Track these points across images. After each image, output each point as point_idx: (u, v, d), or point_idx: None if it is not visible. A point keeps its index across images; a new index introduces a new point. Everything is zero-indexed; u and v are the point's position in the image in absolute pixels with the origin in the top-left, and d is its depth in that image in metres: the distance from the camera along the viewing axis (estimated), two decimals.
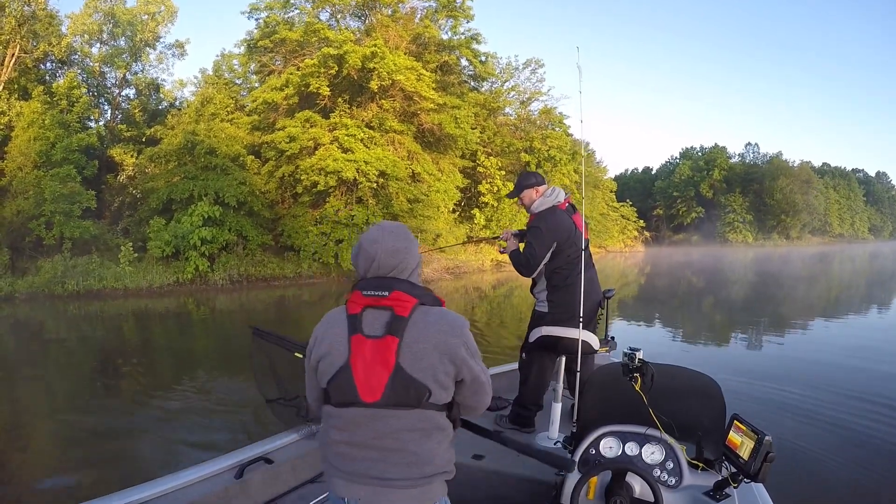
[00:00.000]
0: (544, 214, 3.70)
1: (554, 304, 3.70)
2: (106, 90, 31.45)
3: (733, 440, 2.17)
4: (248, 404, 6.71)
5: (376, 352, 1.62)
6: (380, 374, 1.61)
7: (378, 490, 1.65)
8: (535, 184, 3.81)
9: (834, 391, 7.44)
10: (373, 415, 1.64)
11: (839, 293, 22.55)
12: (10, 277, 19.74)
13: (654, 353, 2.50)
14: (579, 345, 3.39)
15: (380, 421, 1.64)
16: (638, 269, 37.08)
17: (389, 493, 1.64)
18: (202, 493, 2.55)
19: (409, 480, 1.65)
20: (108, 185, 27.14)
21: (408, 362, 1.61)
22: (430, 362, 1.62)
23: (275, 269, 24.15)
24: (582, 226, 3.70)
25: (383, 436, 1.64)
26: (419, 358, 1.62)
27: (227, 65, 34.40)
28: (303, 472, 3.02)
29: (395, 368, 1.61)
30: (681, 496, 2.22)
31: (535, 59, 40.92)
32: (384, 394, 1.61)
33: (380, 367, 1.61)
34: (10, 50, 23.45)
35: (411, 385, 1.61)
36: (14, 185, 21.90)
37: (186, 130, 24.50)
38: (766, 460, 2.02)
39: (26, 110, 22.68)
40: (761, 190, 75.04)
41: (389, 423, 1.64)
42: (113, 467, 5.17)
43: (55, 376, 9.31)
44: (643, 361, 2.39)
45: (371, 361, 1.62)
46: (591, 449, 2.37)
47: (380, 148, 25.48)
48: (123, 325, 15.29)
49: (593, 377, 2.84)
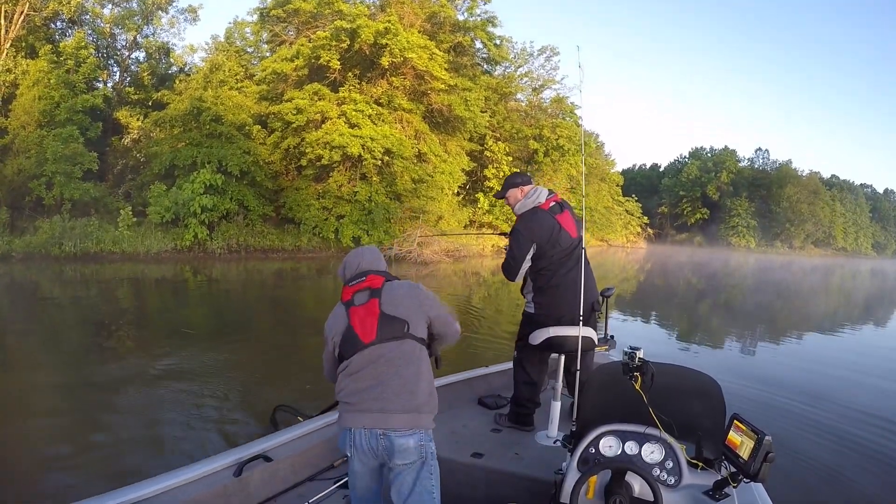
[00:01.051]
0: (524, 216, 3.68)
1: (540, 305, 3.69)
2: (116, 52, 31.18)
3: (733, 440, 2.16)
4: (240, 388, 6.62)
5: (366, 309, 2.32)
6: (371, 321, 2.29)
7: (379, 416, 2.19)
8: (521, 184, 3.79)
9: (833, 395, 7.46)
10: (372, 351, 2.26)
11: (841, 307, 22.38)
12: (7, 236, 19.62)
13: (654, 353, 2.48)
14: (579, 344, 3.35)
15: (378, 354, 2.25)
16: (638, 265, 36.89)
17: (389, 417, 2.19)
18: (201, 490, 2.57)
19: (402, 406, 2.20)
20: (112, 148, 26.96)
21: (388, 308, 2.32)
22: (404, 305, 2.34)
23: (274, 240, 24.01)
24: (571, 224, 3.66)
25: (381, 366, 2.24)
26: (395, 305, 2.33)
27: (240, 33, 34.06)
28: (302, 470, 3.04)
29: (381, 314, 2.30)
30: (680, 495, 2.21)
31: (551, 47, 40.54)
32: (377, 333, 2.27)
33: (370, 317, 2.30)
34: (20, 7, 23.11)
35: (394, 321, 2.29)
36: (16, 144, 21.72)
37: (193, 97, 24.25)
38: (765, 460, 2.01)
39: (32, 69, 22.41)
40: (768, 196, 74.52)
41: (384, 354, 2.25)
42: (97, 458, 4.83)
43: (40, 338, 9.14)
44: (643, 360, 2.40)
45: (364, 316, 2.31)
46: (591, 448, 2.37)
47: (387, 125, 25.25)
48: (117, 290, 15.10)
49: (593, 376, 2.82)
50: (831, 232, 78.36)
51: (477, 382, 4.48)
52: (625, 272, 30.36)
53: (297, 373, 7.32)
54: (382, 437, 2.17)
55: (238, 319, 11.59)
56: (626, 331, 11.90)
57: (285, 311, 13.17)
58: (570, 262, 3.62)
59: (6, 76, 22.78)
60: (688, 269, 34.75)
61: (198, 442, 5.04)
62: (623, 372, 2.41)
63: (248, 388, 6.70)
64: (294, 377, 7.15)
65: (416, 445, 2.19)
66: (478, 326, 11.06)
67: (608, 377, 2.65)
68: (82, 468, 4.47)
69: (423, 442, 2.22)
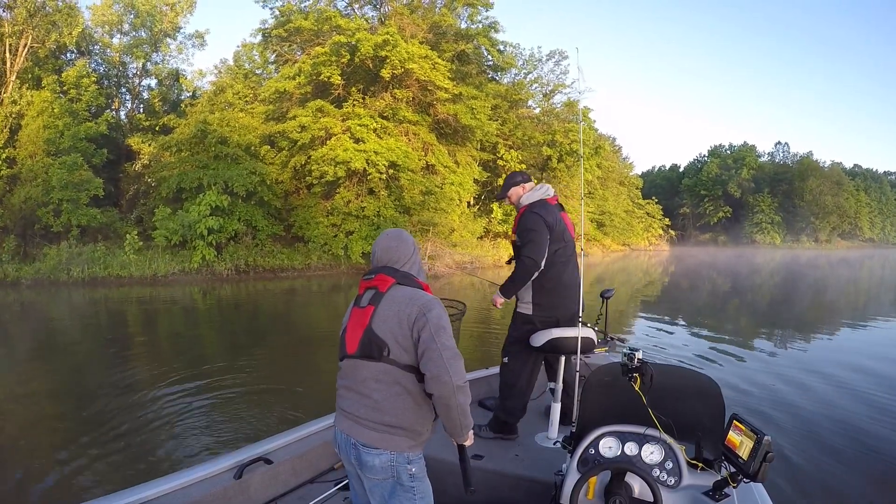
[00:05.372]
0: (535, 205, 3.63)
1: (540, 306, 3.60)
2: (127, 80, 31.73)
3: (732, 440, 2.17)
4: (249, 402, 6.49)
5: (359, 317, 2.15)
6: (357, 332, 2.12)
7: (353, 425, 2.11)
8: (522, 181, 3.80)
9: (833, 394, 7.40)
10: (353, 364, 2.14)
11: (860, 302, 21.59)
12: (17, 263, 19.86)
13: (654, 351, 2.26)
14: (579, 345, 3.38)
15: (356, 369, 2.13)
16: (662, 267, 36.18)
17: (360, 429, 2.08)
18: (201, 493, 2.57)
19: (372, 423, 2.07)
20: (125, 174, 27.30)
21: (376, 323, 2.08)
22: (390, 325, 2.06)
23: (283, 259, 23.82)
24: (570, 224, 3.71)
25: (358, 382, 2.12)
26: (383, 321, 2.08)
27: (248, 55, 34.43)
28: (302, 473, 3.06)
29: (366, 328, 2.09)
30: (680, 496, 2.23)
31: (559, 51, 40.27)
32: (358, 347, 2.11)
33: (359, 327, 2.13)
34: (23, 40, 23.54)
35: (374, 340, 2.07)
36: (24, 173, 22.01)
37: (198, 120, 24.36)
38: (765, 460, 2.02)
39: (36, 99, 22.78)
40: (790, 191, 73.18)
41: (360, 371, 2.11)
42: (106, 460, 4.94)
43: (42, 361, 9.00)
44: (642, 361, 2.41)
45: (355, 324, 2.16)
46: (591, 449, 2.39)
47: (393, 139, 25.05)
48: (126, 311, 15.05)
49: (592, 377, 2.75)
50: (857, 223, 76.63)
51: (477, 384, 4.39)
52: (648, 275, 29.72)
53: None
54: (353, 447, 2.10)
55: (245, 339, 11.39)
56: (625, 332, 11.69)
57: (288, 328, 12.93)
58: (571, 262, 3.66)
59: (12, 107, 23.09)
60: (712, 271, 33.94)
61: (198, 448, 5.06)
62: (622, 373, 2.42)
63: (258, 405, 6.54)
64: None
65: (381, 465, 2.06)
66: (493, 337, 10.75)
67: (608, 378, 2.64)
68: (83, 471, 4.49)
69: (395, 463, 2.06)
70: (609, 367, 2.75)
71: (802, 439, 5.60)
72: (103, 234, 22.46)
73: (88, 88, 24.52)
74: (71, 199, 20.95)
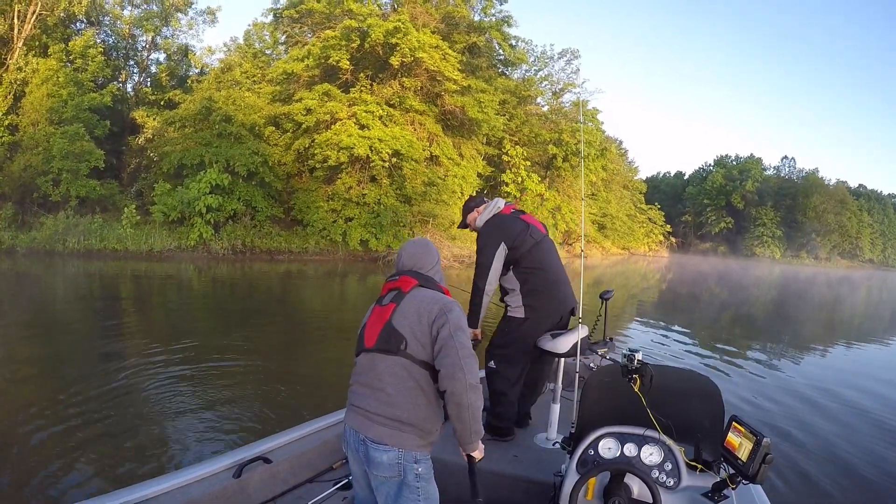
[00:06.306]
0: (486, 223, 3.65)
1: (532, 308, 3.55)
2: (136, 53, 31.54)
3: (732, 442, 2.16)
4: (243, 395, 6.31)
5: (379, 314, 2.22)
6: (378, 327, 2.18)
7: (363, 421, 2.13)
8: (476, 205, 3.77)
9: (832, 399, 7.51)
10: (370, 357, 2.19)
11: (856, 318, 21.58)
12: (13, 231, 19.72)
13: (653, 355, 2.20)
14: (579, 345, 3.35)
15: (372, 362, 2.17)
16: (660, 274, 36.08)
17: (370, 425, 2.11)
18: (200, 492, 2.57)
19: (382, 418, 2.09)
20: (128, 147, 27.14)
21: (397, 319, 2.15)
22: (410, 321, 2.14)
23: (281, 242, 23.66)
24: (537, 221, 3.67)
25: (373, 376, 2.15)
26: (403, 316, 2.15)
27: (258, 35, 34.23)
28: (301, 472, 3.04)
29: (386, 322, 2.16)
30: (679, 497, 2.23)
31: (571, 50, 40.11)
32: (377, 340, 2.17)
33: (379, 322, 2.19)
34: (32, 7, 23.33)
35: (393, 334, 2.13)
36: (25, 141, 21.84)
37: (204, 96, 24.18)
38: (764, 462, 2.01)
39: (42, 67, 22.56)
40: (794, 206, 72.86)
41: (378, 364, 2.15)
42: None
43: (32, 341, 8.80)
44: (642, 362, 2.40)
45: (375, 319, 2.22)
46: (590, 450, 2.39)
47: (398, 127, 24.88)
48: (120, 285, 14.94)
49: (592, 378, 2.73)
50: (858, 243, 76.47)
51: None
52: (648, 280, 29.63)
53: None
54: (362, 442, 2.12)
55: (239, 322, 11.25)
56: (624, 333, 11.69)
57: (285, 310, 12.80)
58: (552, 257, 3.63)
59: (17, 74, 22.89)
60: (711, 280, 33.89)
61: (197, 447, 4.90)
62: (622, 374, 2.42)
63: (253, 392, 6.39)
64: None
65: (389, 462, 2.09)
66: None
67: (607, 379, 2.63)
68: (82, 469, 4.36)
69: (402, 461, 2.09)
70: (609, 368, 2.75)
71: (802, 440, 5.63)
72: (102, 206, 22.29)
73: (95, 59, 24.32)
74: (71, 170, 20.80)
